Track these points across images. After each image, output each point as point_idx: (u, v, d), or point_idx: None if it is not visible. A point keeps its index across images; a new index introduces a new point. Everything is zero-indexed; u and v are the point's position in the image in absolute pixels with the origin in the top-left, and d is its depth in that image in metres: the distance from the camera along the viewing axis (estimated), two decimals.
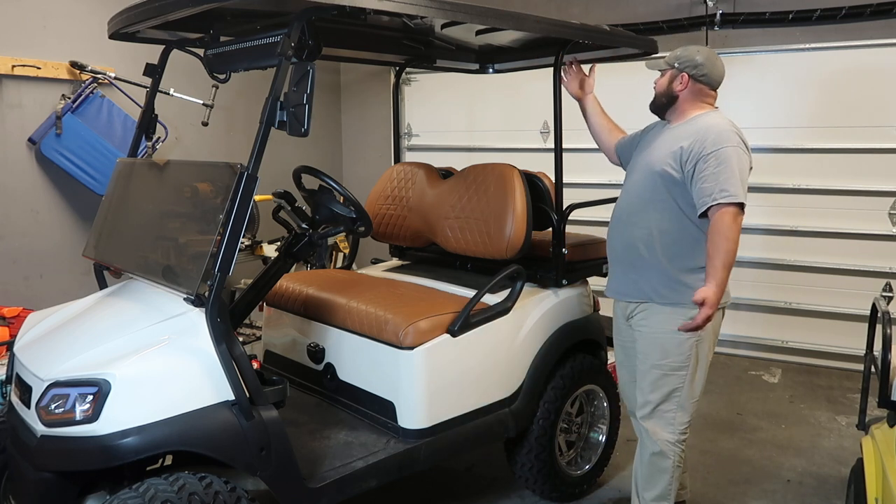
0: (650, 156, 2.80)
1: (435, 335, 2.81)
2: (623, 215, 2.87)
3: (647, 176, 2.77)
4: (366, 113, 7.06)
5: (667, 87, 2.82)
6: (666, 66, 2.81)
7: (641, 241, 2.77)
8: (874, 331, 3.11)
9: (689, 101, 2.80)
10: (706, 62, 2.77)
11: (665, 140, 2.79)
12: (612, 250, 2.94)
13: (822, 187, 5.21)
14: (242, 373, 2.24)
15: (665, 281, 2.73)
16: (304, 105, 2.16)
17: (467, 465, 3.65)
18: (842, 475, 3.57)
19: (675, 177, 2.68)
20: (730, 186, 2.56)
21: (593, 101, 3.20)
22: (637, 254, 2.79)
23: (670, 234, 2.72)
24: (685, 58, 2.77)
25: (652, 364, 2.79)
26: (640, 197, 2.79)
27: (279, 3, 2.41)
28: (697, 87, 2.79)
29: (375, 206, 3.77)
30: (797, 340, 5.40)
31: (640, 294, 2.81)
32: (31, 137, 4.58)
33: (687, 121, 2.79)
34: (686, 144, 2.66)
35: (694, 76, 2.77)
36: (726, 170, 2.57)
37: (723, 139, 2.63)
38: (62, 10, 4.68)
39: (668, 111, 2.85)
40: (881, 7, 4.85)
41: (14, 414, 2.38)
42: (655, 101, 2.87)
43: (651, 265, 2.75)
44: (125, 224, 2.93)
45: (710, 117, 2.75)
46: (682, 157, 2.66)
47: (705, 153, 2.61)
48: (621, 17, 5.54)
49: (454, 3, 2.47)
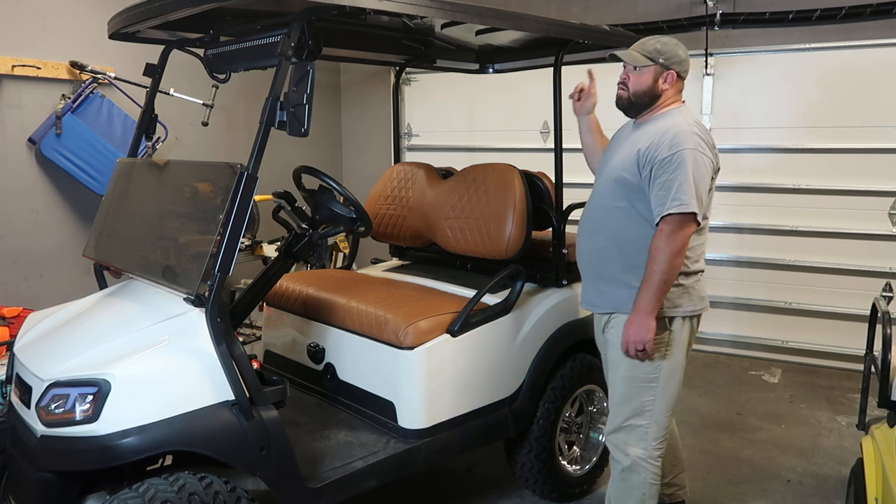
0: (613, 159, 2.64)
1: (435, 335, 2.81)
2: (588, 224, 2.72)
3: (609, 183, 2.62)
4: (366, 113, 7.06)
5: (651, 85, 2.56)
6: (647, 62, 2.55)
7: (606, 251, 2.63)
8: (874, 331, 3.11)
9: (668, 100, 2.60)
10: (686, 57, 2.60)
11: (629, 141, 2.62)
12: (581, 261, 2.79)
13: (822, 187, 5.21)
14: (242, 373, 2.24)
15: (632, 291, 2.55)
16: (304, 105, 2.16)
17: (467, 465, 3.65)
18: (842, 475, 3.57)
19: (633, 182, 2.52)
20: (682, 195, 2.39)
21: (593, 119, 2.97)
22: (603, 264, 2.65)
23: (634, 243, 2.55)
24: (670, 53, 2.55)
25: (621, 376, 2.65)
26: (602, 205, 2.65)
27: (279, 3, 2.41)
28: (679, 85, 2.62)
29: (375, 206, 3.77)
30: (797, 340, 5.40)
31: (609, 305, 2.67)
32: (31, 137, 4.57)
33: (652, 119, 2.60)
34: (643, 147, 2.49)
35: (679, 73, 2.58)
36: (680, 176, 2.40)
37: (680, 141, 2.43)
38: (62, 10, 4.67)
39: (645, 110, 2.62)
40: (881, 7, 4.85)
41: (14, 414, 2.38)
42: (634, 101, 2.60)
43: (617, 275, 2.61)
44: (125, 224, 2.93)
45: (672, 117, 2.55)
46: (640, 162, 2.49)
47: (661, 157, 2.44)
48: (621, 17, 5.54)
49: (454, 3, 2.47)
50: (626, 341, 2.52)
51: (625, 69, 2.62)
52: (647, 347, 2.50)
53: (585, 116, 2.93)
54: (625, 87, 2.61)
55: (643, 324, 2.47)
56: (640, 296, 2.48)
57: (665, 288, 2.46)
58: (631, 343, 2.51)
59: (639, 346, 2.50)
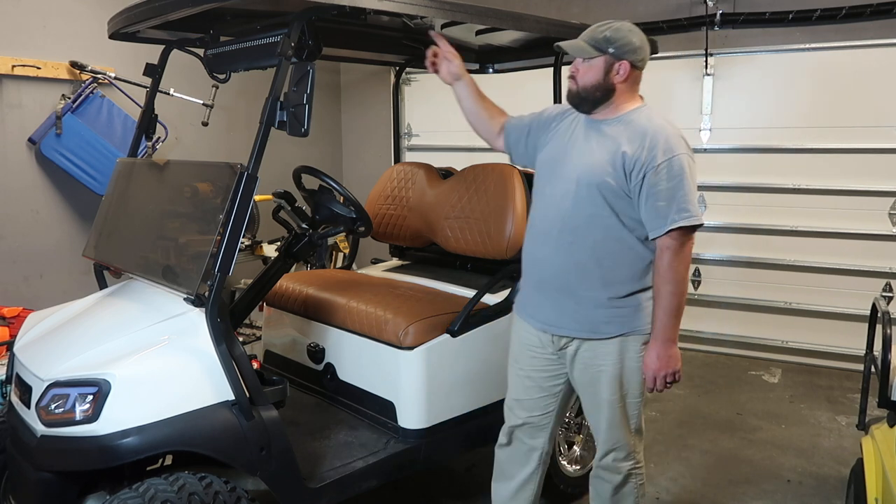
0: (582, 160, 2.32)
1: (435, 335, 2.81)
2: (554, 232, 2.36)
3: (585, 187, 2.28)
4: (366, 113, 7.06)
5: (602, 78, 2.28)
6: (595, 53, 2.28)
7: (582, 265, 2.32)
8: (874, 331, 3.11)
9: (625, 94, 2.32)
10: (643, 44, 2.32)
11: (598, 141, 2.32)
12: (541, 276, 2.43)
13: (822, 187, 5.20)
14: (242, 373, 2.24)
15: (612, 309, 2.33)
16: (304, 105, 2.16)
17: (467, 465, 3.65)
18: (842, 475, 3.56)
19: (616, 189, 2.25)
20: (688, 204, 2.19)
21: (468, 83, 2.58)
22: (576, 280, 2.33)
23: (615, 256, 2.30)
24: (621, 41, 2.27)
25: (608, 400, 2.41)
26: (576, 213, 2.31)
27: (279, 3, 2.41)
28: (635, 76, 2.33)
29: (375, 206, 3.77)
30: (797, 340, 5.40)
31: (581, 328, 2.37)
32: (31, 137, 4.57)
33: (619, 117, 2.32)
34: (630, 150, 2.23)
35: (633, 63, 2.29)
36: (682, 184, 2.20)
37: (673, 146, 2.22)
38: (62, 10, 4.67)
39: (600, 106, 2.34)
40: (881, 7, 4.85)
41: (14, 414, 2.38)
42: (584, 95, 2.32)
43: (591, 293, 2.33)
44: (125, 224, 2.93)
45: (648, 116, 2.31)
46: (627, 166, 2.23)
47: (656, 163, 2.19)
48: (621, 17, 5.52)
49: (454, 3, 2.47)
50: (655, 374, 2.29)
51: (574, 62, 2.35)
52: (678, 377, 2.32)
53: (458, 82, 2.57)
54: (574, 81, 2.34)
55: (672, 353, 2.28)
56: (661, 323, 2.26)
57: (682, 309, 2.26)
58: (661, 375, 2.29)
59: (669, 377, 2.30)
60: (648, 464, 3.74)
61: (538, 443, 2.62)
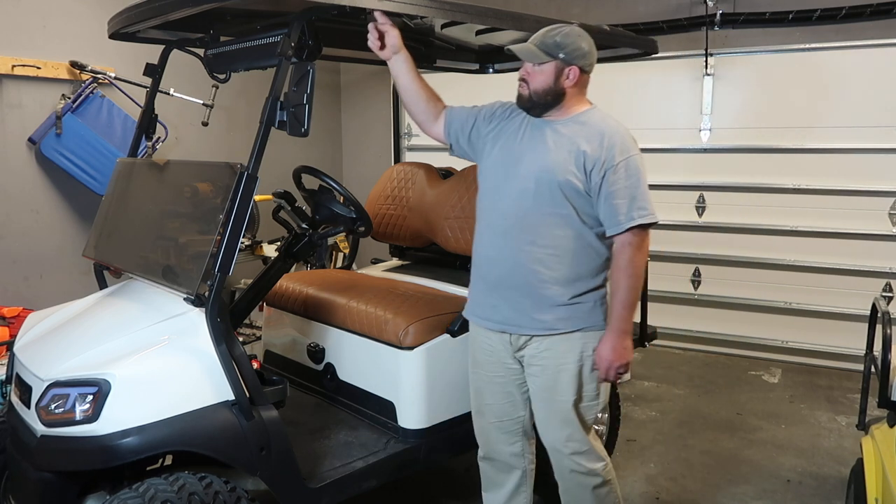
0: (541, 159, 2.33)
1: (435, 335, 2.81)
2: (512, 231, 2.36)
3: (545, 185, 2.30)
4: (366, 113, 7.06)
5: (552, 83, 2.31)
6: (546, 58, 2.30)
7: (541, 262, 2.33)
8: (874, 331, 3.10)
9: (575, 97, 2.37)
10: (591, 50, 2.35)
11: (555, 140, 2.34)
12: (495, 272, 2.42)
13: (822, 187, 5.20)
14: (242, 373, 2.24)
15: (571, 306, 2.36)
16: (304, 105, 2.17)
17: (467, 465, 3.64)
18: (842, 475, 3.56)
19: (578, 187, 2.28)
20: (645, 202, 2.26)
21: (407, 58, 2.47)
22: (535, 278, 2.34)
23: (575, 254, 2.34)
24: (571, 46, 2.30)
25: (567, 399, 2.41)
26: (537, 210, 2.33)
27: (279, 3, 2.41)
28: (584, 80, 2.37)
29: (375, 206, 3.77)
30: (797, 340, 5.40)
31: (539, 325, 2.37)
32: (31, 137, 4.57)
33: (572, 117, 2.36)
34: (589, 150, 2.27)
35: (582, 68, 2.33)
36: (639, 183, 2.27)
37: (629, 146, 2.29)
38: (62, 10, 4.67)
39: (550, 109, 2.37)
40: (881, 7, 4.85)
41: (14, 414, 2.38)
42: (535, 99, 2.35)
43: (551, 290, 2.34)
44: (125, 224, 2.93)
45: (602, 117, 2.37)
46: (587, 165, 2.27)
47: (614, 163, 2.25)
48: (621, 17, 5.54)
49: (454, 3, 2.47)
50: (609, 364, 2.35)
51: (524, 65, 2.37)
52: (628, 368, 2.38)
53: (397, 55, 2.44)
54: (525, 84, 2.36)
55: (627, 345, 2.35)
56: (618, 315, 2.33)
57: (637, 303, 2.35)
58: (613, 367, 2.35)
59: (622, 368, 2.36)
60: (648, 464, 3.74)
61: (517, 448, 2.61)
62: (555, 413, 2.45)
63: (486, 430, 2.61)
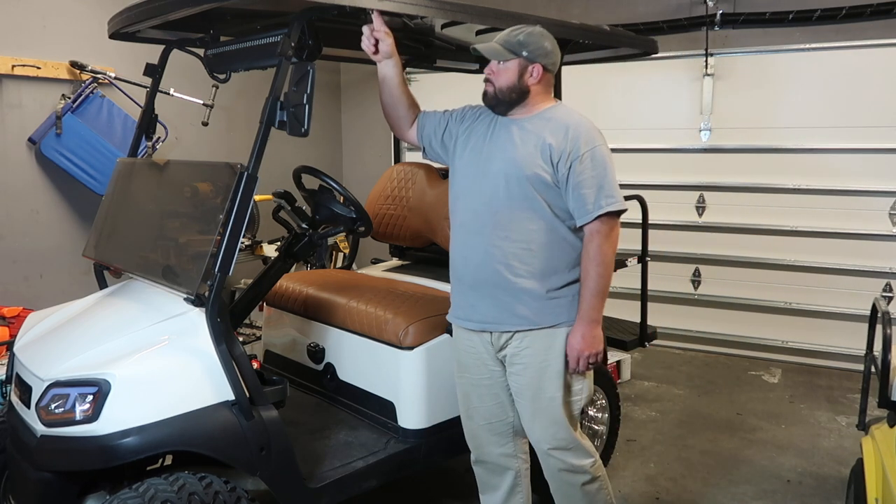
0: (508, 156, 2.37)
1: (435, 335, 2.81)
2: (486, 230, 2.39)
3: (515, 181, 2.34)
4: (366, 113, 7.06)
5: (516, 81, 2.36)
6: (510, 56, 2.35)
7: (516, 257, 2.35)
8: (874, 331, 3.10)
9: (539, 95, 2.41)
10: (554, 49, 2.40)
11: (521, 136, 2.37)
12: (472, 272, 2.44)
13: (822, 187, 5.20)
14: (242, 373, 2.24)
15: (549, 300, 2.38)
16: (304, 105, 2.17)
17: (467, 465, 3.64)
18: (842, 475, 3.56)
19: (547, 180, 2.32)
20: (613, 191, 2.30)
21: (397, 63, 2.50)
22: (511, 273, 2.36)
23: (549, 248, 2.36)
24: (534, 45, 2.35)
25: (550, 397, 2.42)
26: (507, 205, 2.35)
27: (279, 3, 2.41)
28: (548, 78, 2.42)
29: (375, 206, 3.77)
30: (797, 340, 5.40)
31: (518, 321, 2.39)
32: (31, 137, 4.57)
33: (537, 114, 2.41)
34: (554, 142, 2.31)
35: (545, 66, 2.38)
36: (606, 172, 2.31)
37: (594, 137, 2.33)
38: (62, 10, 4.67)
39: (515, 107, 2.41)
40: (881, 7, 4.85)
41: (14, 414, 2.38)
42: (500, 97, 2.38)
43: (528, 285, 2.36)
44: (125, 224, 2.93)
45: (567, 111, 2.41)
46: (553, 157, 2.31)
47: (580, 153, 2.29)
48: (621, 17, 5.54)
49: (454, 3, 2.47)
50: (579, 354, 2.36)
51: (489, 64, 2.40)
52: (599, 358, 2.40)
53: (389, 60, 2.47)
54: (491, 83, 2.40)
55: (596, 334, 2.37)
56: (588, 304, 2.34)
57: (607, 291, 2.36)
58: (584, 355, 2.36)
59: (592, 358, 2.38)
60: (648, 464, 3.74)
61: (508, 449, 2.62)
62: (540, 411, 2.46)
63: (476, 434, 2.63)
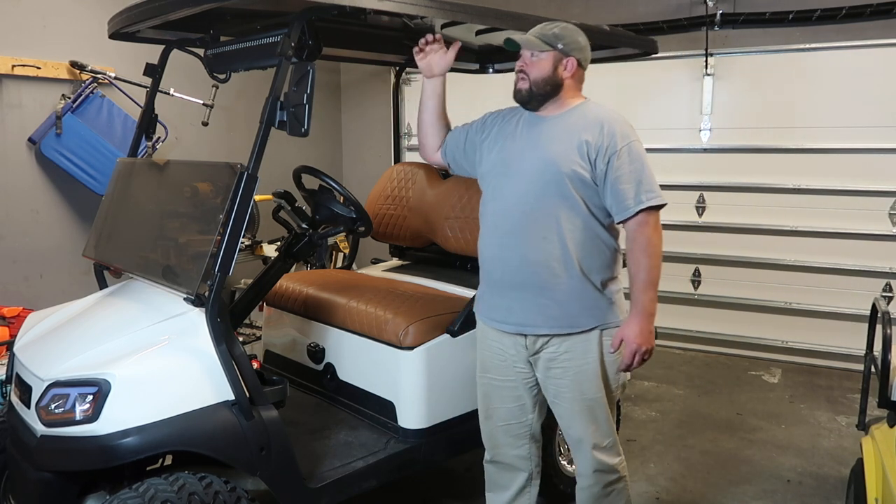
0: (543, 154, 2.32)
1: (435, 335, 2.81)
2: (521, 231, 2.33)
3: (551, 178, 2.29)
4: (366, 113, 7.06)
5: (551, 73, 2.33)
6: (545, 47, 2.33)
7: (555, 258, 2.30)
8: (874, 331, 3.11)
9: (571, 90, 2.38)
10: (587, 45, 2.40)
11: (554, 134, 2.34)
12: (508, 274, 2.38)
13: (822, 187, 5.20)
14: (242, 373, 2.24)
15: (587, 302, 2.34)
16: (304, 105, 2.17)
17: (467, 465, 3.65)
18: (842, 475, 3.56)
19: (585, 177, 2.27)
20: (654, 185, 2.27)
21: (442, 82, 2.57)
22: (549, 274, 2.31)
23: (586, 246, 2.32)
24: (569, 39, 2.34)
25: (591, 398, 2.40)
26: (543, 204, 2.30)
27: (279, 3, 2.41)
28: (580, 74, 2.40)
29: (375, 206, 3.77)
30: (797, 340, 5.39)
31: (559, 324, 2.34)
32: (31, 137, 4.57)
33: (568, 111, 2.37)
34: (591, 138, 2.27)
35: (579, 61, 2.36)
36: (644, 167, 2.27)
37: (628, 132, 2.30)
38: (62, 10, 4.67)
39: (548, 102, 2.38)
40: (881, 7, 4.85)
41: (14, 414, 2.38)
42: (534, 90, 2.35)
43: (569, 286, 2.31)
44: (125, 224, 2.93)
45: (597, 107, 2.38)
46: (590, 154, 2.27)
47: (617, 148, 2.25)
48: (621, 17, 5.54)
49: (454, 3, 2.47)
50: (636, 349, 2.28)
51: (521, 58, 2.38)
52: (651, 355, 2.34)
53: (437, 78, 2.55)
54: (525, 75, 2.36)
55: (652, 329, 2.30)
56: (646, 297, 2.28)
57: (658, 283, 2.31)
58: (642, 351, 2.29)
59: (647, 354, 2.31)
60: (648, 464, 3.74)
61: (524, 451, 2.60)
62: (581, 413, 2.42)
63: (493, 434, 2.59)
